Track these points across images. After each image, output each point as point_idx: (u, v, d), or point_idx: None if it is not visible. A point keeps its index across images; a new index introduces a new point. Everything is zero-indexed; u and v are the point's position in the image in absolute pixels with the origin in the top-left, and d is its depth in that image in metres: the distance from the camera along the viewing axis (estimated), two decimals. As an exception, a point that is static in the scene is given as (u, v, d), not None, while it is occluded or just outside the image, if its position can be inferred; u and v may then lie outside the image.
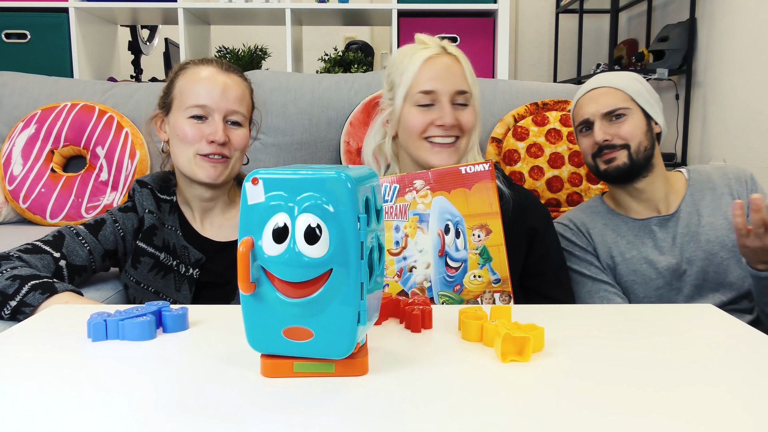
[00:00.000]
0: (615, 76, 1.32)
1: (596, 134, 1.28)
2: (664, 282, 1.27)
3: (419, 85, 1.14)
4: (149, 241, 1.15)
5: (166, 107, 1.19)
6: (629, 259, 1.29)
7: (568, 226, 1.36)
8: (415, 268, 0.98)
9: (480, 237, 0.97)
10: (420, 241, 0.97)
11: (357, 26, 3.69)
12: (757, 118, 2.60)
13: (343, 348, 0.60)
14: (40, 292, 0.94)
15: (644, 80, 1.34)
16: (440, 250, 0.97)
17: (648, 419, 0.54)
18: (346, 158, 1.77)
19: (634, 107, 1.29)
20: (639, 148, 1.27)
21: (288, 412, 0.55)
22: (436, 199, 0.97)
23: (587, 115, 1.31)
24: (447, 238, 0.97)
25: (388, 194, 0.98)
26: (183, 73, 1.17)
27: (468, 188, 0.97)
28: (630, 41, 3.59)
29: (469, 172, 0.97)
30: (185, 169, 1.16)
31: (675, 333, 0.77)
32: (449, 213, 0.97)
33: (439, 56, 1.15)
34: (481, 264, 0.97)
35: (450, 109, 1.13)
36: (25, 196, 1.75)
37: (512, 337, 0.67)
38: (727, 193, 1.30)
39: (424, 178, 0.98)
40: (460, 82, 1.15)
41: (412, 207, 0.98)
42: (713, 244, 1.26)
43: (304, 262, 0.58)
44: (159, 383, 0.61)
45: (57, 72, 2.37)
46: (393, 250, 0.98)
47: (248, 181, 0.59)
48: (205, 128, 1.13)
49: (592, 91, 1.32)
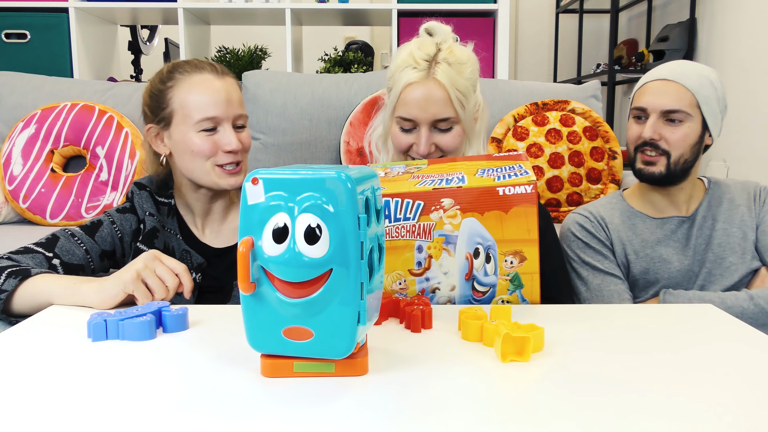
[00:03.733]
0: (692, 73, 1.24)
1: (646, 130, 1.24)
2: (675, 282, 1.28)
3: (400, 110, 1.14)
4: (150, 244, 1.15)
5: (164, 121, 1.15)
6: (643, 258, 1.30)
7: (587, 217, 1.35)
8: (438, 290, 0.91)
9: (513, 264, 0.88)
10: (445, 263, 0.89)
11: (357, 26, 3.69)
12: (757, 118, 2.60)
13: (343, 348, 0.60)
14: (14, 277, 0.93)
15: (720, 84, 1.26)
16: (467, 273, 0.89)
17: (648, 419, 0.54)
18: (346, 158, 1.77)
19: (695, 115, 1.23)
20: (679, 159, 1.24)
21: (288, 412, 0.55)
22: (466, 221, 0.87)
23: (646, 105, 1.25)
24: (476, 262, 0.89)
25: (410, 211, 0.88)
26: (178, 85, 1.14)
27: (504, 212, 0.86)
28: (630, 41, 3.59)
29: (508, 194, 0.86)
30: (203, 180, 1.14)
31: (675, 333, 0.77)
32: (480, 236, 0.88)
33: (422, 83, 1.11)
34: (511, 290, 0.89)
35: (427, 138, 1.12)
36: (25, 196, 1.75)
37: (512, 337, 0.67)
38: (744, 205, 1.31)
39: (454, 197, 0.87)
40: (441, 109, 1.11)
41: (438, 227, 0.88)
42: (724, 248, 1.27)
43: (304, 262, 0.58)
44: (159, 383, 0.61)
45: (57, 72, 2.37)
46: (415, 270, 0.90)
47: (248, 181, 0.59)
48: (218, 139, 1.12)
49: (663, 81, 1.24)
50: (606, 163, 1.76)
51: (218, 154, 1.13)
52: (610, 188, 1.74)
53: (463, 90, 1.13)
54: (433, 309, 0.82)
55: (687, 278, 1.28)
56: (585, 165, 1.73)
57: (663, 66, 1.28)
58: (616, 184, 1.77)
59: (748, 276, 1.26)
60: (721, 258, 1.27)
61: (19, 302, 0.92)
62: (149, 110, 1.18)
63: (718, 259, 1.27)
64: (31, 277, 0.93)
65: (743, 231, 1.28)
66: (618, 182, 1.77)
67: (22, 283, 0.92)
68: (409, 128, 1.14)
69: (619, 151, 1.78)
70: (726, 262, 1.26)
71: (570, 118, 1.77)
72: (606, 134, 1.79)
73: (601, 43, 4.08)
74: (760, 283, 1.23)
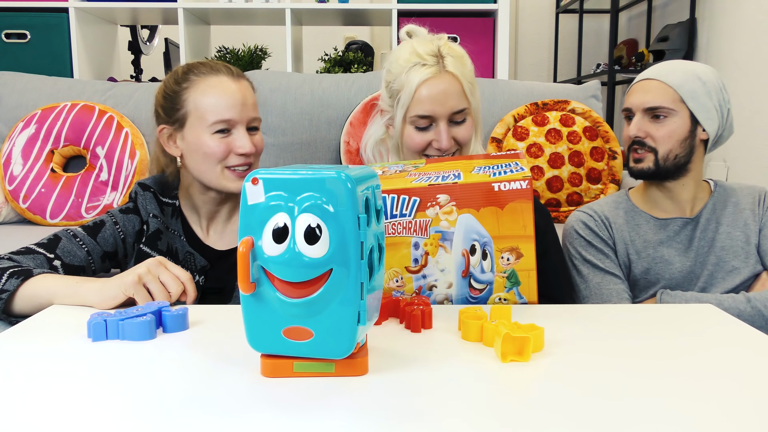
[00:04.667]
0: (676, 70, 1.26)
1: (631, 128, 1.27)
2: (676, 284, 1.28)
3: (416, 109, 1.13)
4: (153, 246, 1.15)
5: (178, 122, 1.15)
6: (645, 258, 1.30)
7: (592, 216, 1.35)
8: (436, 287, 0.91)
9: (509, 261, 0.88)
10: (442, 260, 0.89)
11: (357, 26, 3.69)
12: (757, 118, 2.60)
13: (343, 348, 0.60)
14: (16, 277, 0.93)
15: (714, 78, 1.26)
16: (464, 270, 0.89)
17: (648, 419, 0.54)
18: (346, 158, 1.77)
19: (681, 110, 1.24)
20: (668, 155, 1.25)
21: (288, 412, 0.55)
22: (462, 217, 0.88)
23: (630, 104, 1.28)
24: (472, 259, 0.89)
25: (407, 207, 0.89)
26: (193, 86, 1.14)
27: (500, 207, 0.87)
28: (630, 41, 3.59)
29: (504, 189, 0.86)
30: (213, 183, 1.14)
31: (675, 333, 0.77)
32: (476, 233, 0.88)
33: (437, 78, 1.12)
34: (508, 288, 0.90)
35: (446, 133, 1.13)
36: (25, 196, 1.75)
37: (512, 337, 0.67)
38: (749, 209, 1.31)
39: (450, 193, 0.88)
40: (458, 101, 1.13)
41: (434, 224, 0.88)
42: (727, 251, 1.27)
43: (304, 262, 0.58)
44: (159, 383, 0.61)
45: (57, 72, 2.37)
46: (411, 267, 0.90)
47: (248, 181, 0.59)
48: (232, 142, 1.12)
49: (646, 81, 1.27)
50: (606, 163, 1.76)
51: (230, 156, 1.13)
52: (610, 188, 1.74)
53: (470, 80, 1.16)
54: (433, 309, 0.82)
55: (688, 280, 1.28)
56: (585, 165, 1.73)
57: (652, 67, 1.31)
58: (616, 184, 1.77)
59: (750, 280, 1.25)
60: (724, 261, 1.27)
61: (20, 302, 0.92)
62: (163, 111, 1.18)
63: (721, 262, 1.27)
64: (32, 277, 0.93)
65: (746, 235, 1.28)
66: (618, 182, 1.77)
67: (24, 284, 0.92)
68: (426, 126, 1.14)
69: (619, 151, 1.78)
70: (728, 266, 1.26)
71: (570, 118, 1.77)
72: (606, 134, 1.79)
73: (601, 43, 4.08)
74: (761, 286, 1.23)
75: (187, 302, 0.92)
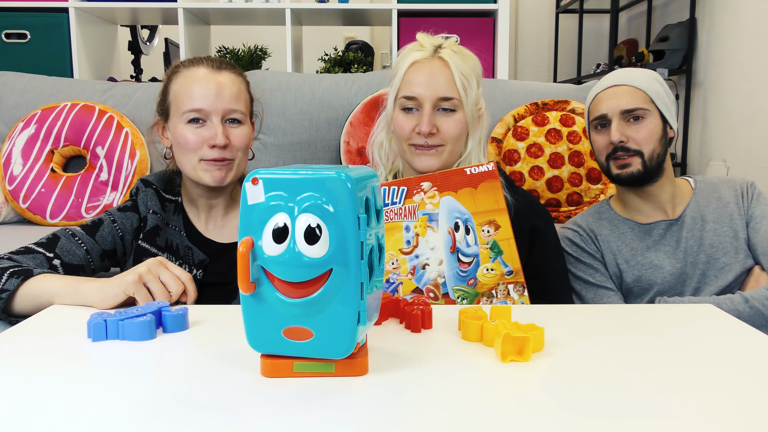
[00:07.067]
0: (638, 75, 1.29)
1: (613, 134, 1.25)
2: (668, 287, 1.27)
3: (404, 89, 1.14)
4: (152, 242, 1.15)
5: (165, 113, 1.18)
6: (634, 266, 1.29)
7: (577, 231, 1.35)
8: (428, 265, 1.01)
9: (489, 232, 1.01)
10: (431, 239, 1.01)
11: (357, 26, 3.69)
12: (757, 118, 2.60)
13: (343, 348, 0.60)
14: (16, 276, 0.93)
15: (663, 81, 1.31)
16: (452, 246, 1.01)
17: (648, 419, 0.54)
18: (346, 158, 1.77)
19: (653, 110, 1.26)
20: (653, 155, 1.25)
21: (288, 412, 0.55)
22: (444, 199, 1.01)
23: (605, 111, 1.27)
24: (457, 235, 1.01)
25: (396, 196, 1.02)
26: (175, 77, 1.16)
27: (474, 187, 1.01)
28: (630, 41, 3.59)
29: (474, 172, 1.01)
30: (190, 174, 1.15)
31: (675, 333, 0.77)
32: (458, 211, 1.01)
33: (427, 61, 1.13)
34: (493, 257, 1.01)
35: (429, 117, 1.12)
36: (25, 196, 1.75)
37: (512, 337, 0.67)
38: (732, 203, 1.30)
39: (431, 180, 1.02)
40: (445, 88, 1.13)
41: (421, 207, 1.01)
42: (716, 248, 1.26)
43: (304, 262, 0.58)
44: (159, 383, 0.61)
45: (57, 72, 2.37)
46: (405, 249, 1.01)
47: (248, 181, 0.59)
48: (205, 132, 1.13)
49: (613, 87, 1.28)
50: (606, 163, 1.76)
51: (204, 147, 1.13)
52: (610, 188, 1.74)
53: (466, 75, 1.15)
54: (433, 309, 0.82)
55: (681, 281, 1.27)
56: (585, 165, 1.73)
57: (606, 77, 1.32)
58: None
59: (743, 275, 1.25)
60: (714, 259, 1.26)
61: (20, 302, 0.92)
62: (157, 104, 1.21)
63: (711, 260, 1.26)
64: (33, 277, 0.93)
65: (734, 230, 1.27)
66: (618, 182, 1.77)
67: (24, 283, 0.92)
68: (412, 107, 1.14)
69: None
70: (719, 263, 1.26)
71: (570, 118, 1.77)
72: (606, 134, 1.79)
73: (601, 43, 4.08)
74: (755, 282, 1.23)
75: (188, 302, 0.92)
